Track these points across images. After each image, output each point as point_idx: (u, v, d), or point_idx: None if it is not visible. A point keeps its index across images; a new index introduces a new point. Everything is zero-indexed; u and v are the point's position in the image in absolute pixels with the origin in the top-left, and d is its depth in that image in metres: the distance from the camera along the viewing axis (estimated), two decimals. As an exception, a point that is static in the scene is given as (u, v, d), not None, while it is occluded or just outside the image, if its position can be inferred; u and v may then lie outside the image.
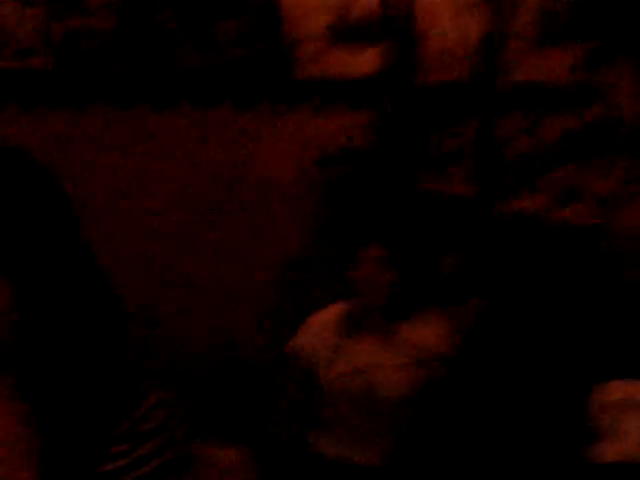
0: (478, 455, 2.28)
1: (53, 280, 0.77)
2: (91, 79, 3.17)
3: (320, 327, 2.50)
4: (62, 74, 3.10)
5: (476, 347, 2.56)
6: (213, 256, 3.47)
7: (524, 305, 2.63)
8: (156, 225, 3.36)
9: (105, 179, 3.26)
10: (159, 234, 3.38)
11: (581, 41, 2.57)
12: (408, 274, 2.47)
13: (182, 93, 3.30)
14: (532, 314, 2.46)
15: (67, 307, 0.78)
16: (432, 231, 3.25)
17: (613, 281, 2.13)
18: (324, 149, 3.50)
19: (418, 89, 3.46)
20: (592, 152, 2.66)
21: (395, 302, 2.48)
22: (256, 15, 3.32)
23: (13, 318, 0.76)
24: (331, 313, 2.56)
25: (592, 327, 2.17)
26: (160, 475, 0.80)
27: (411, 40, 3.40)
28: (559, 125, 2.74)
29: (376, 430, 2.39)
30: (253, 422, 3.06)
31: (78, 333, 0.78)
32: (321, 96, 3.44)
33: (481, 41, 3.07)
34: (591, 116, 2.67)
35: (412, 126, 3.45)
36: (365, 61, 3.52)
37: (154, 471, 0.80)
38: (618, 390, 2.11)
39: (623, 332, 2.15)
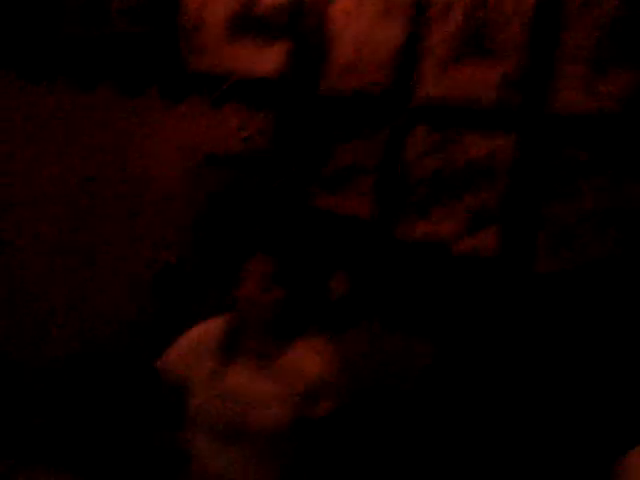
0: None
1: None
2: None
3: (194, 345, 2.32)
4: None
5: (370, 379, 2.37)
6: (78, 258, 3.11)
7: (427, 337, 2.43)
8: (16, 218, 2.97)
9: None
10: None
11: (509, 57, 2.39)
12: (295, 294, 2.24)
13: (61, 66, 2.92)
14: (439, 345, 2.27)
15: None
16: (322, 250, 3.02)
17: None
18: (216, 149, 3.21)
19: (323, 96, 3.21)
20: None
21: (279, 324, 2.26)
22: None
23: None
24: (208, 330, 2.36)
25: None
26: None
27: (322, 42, 3.14)
28: (474, 146, 2.55)
29: (246, 469, 2.09)
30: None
31: None
32: (217, 91, 3.14)
33: (398, 51, 2.85)
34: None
35: (312, 135, 3.19)
36: (269, 59, 3.24)
37: None
38: None
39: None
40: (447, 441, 2.50)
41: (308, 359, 2.23)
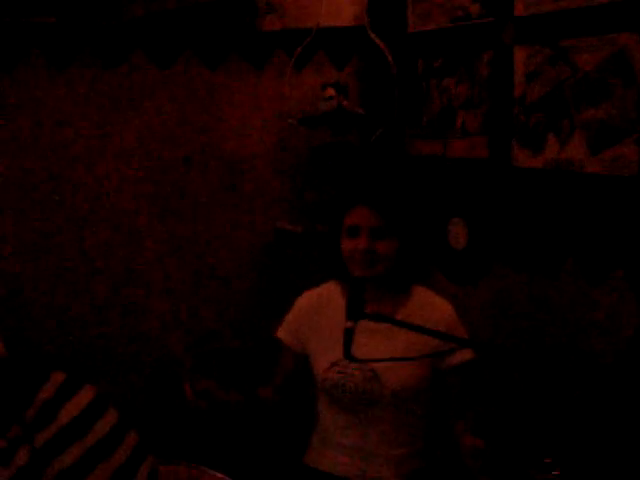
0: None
1: None
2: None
3: (313, 309, 2.19)
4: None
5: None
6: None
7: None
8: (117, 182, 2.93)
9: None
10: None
11: None
12: (409, 245, 2.10)
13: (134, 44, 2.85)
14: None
15: None
16: (433, 197, 2.86)
17: None
18: (304, 108, 3.07)
19: (409, 36, 3.03)
20: None
21: (396, 278, 2.11)
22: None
23: None
24: (323, 293, 2.23)
25: None
26: None
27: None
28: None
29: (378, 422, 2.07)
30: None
31: None
32: (296, 49, 3.00)
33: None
34: None
35: (405, 81, 3.02)
36: (345, 11, 3.09)
37: None
38: None
39: None
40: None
41: (430, 315, 2.10)
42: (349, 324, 1.76)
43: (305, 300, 2.22)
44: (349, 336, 1.76)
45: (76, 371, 0.89)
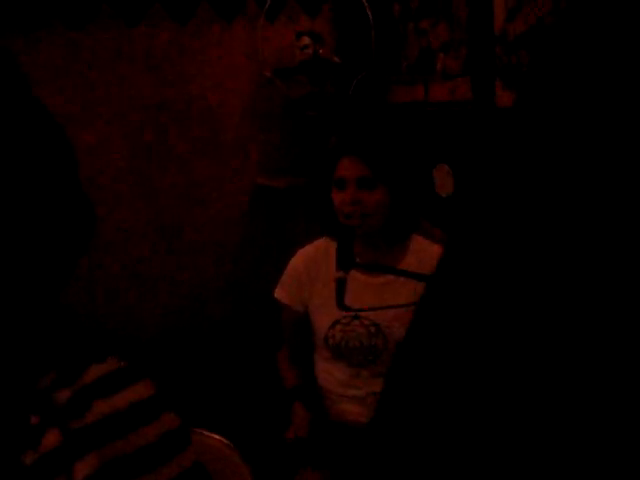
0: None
1: None
2: None
3: (308, 266, 2.13)
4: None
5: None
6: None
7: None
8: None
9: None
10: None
11: None
12: (400, 194, 2.04)
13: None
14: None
15: None
16: (417, 144, 2.80)
17: None
18: (279, 59, 2.99)
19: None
20: None
21: (391, 228, 2.05)
22: None
23: None
24: (317, 250, 2.16)
25: None
26: None
27: None
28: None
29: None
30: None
31: None
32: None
33: None
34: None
35: (381, 25, 2.94)
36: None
37: None
38: None
39: None
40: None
41: (425, 261, 2.05)
42: (340, 274, 1.73)
43: (300, 258, 2.16)
44: (341, 286, 1.73)
45: (142, 363, 0.78)
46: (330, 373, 2.13)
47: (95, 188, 2.83)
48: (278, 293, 2.18)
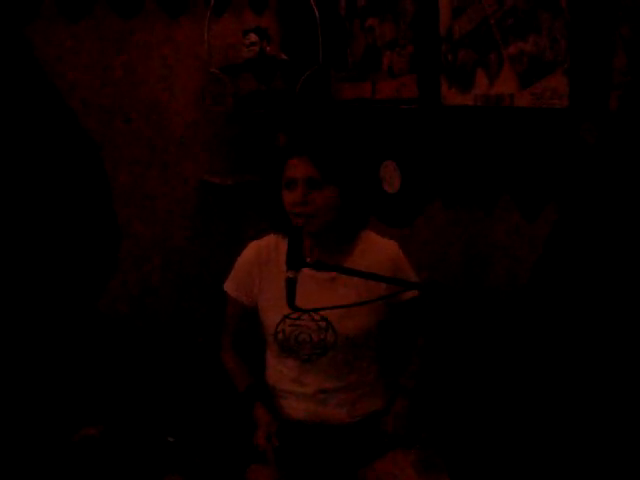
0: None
1: None
2: None
3: (260, 260, 2.16)
4: None
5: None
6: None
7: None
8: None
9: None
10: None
11: None
12: (349, 192, 2.05)
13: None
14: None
15: None
16: (364, 141, 2.83)
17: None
18: (226, 56, 2.98)
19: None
20: None
21: (341, 227, 2.08)
22: None
23: None
24: (268, 245, 2.18)
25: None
26: None
27: None
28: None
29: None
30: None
31: None
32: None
33: None
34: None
35: (328, 22, 2.95)
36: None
37: None
38: None
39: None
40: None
41: (374, 259, 2.08)
42: (290, 274, 1.74)
43: (251, 251, 2.18)
44: (291, 286, 1.73)
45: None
46: (279, 370, 2.14)
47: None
48: (227, 286, 2.19)
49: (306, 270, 1.75)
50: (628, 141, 1.99)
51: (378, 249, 2.12)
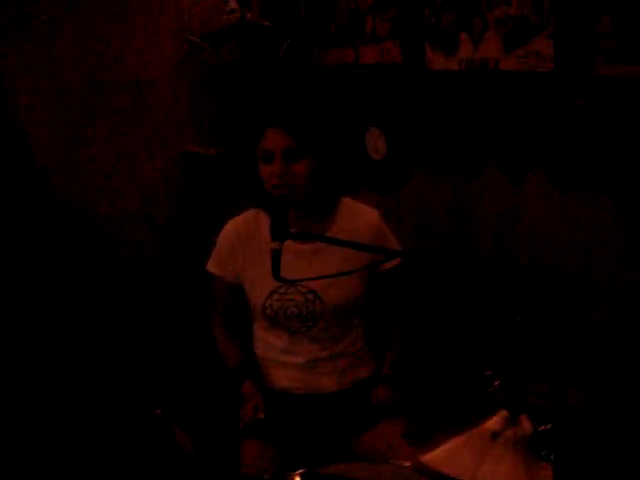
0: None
1: None
2: None
3: (240, 236, 2.13)
4: None
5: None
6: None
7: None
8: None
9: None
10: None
11: None
12: (327, 162, 2.02)
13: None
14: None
15: None
16: (348, 107, 2.79)
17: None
18: (206, 23, 2.93)
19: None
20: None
21: (320, 196, 2.05)
22: None
23: None
24: (248, 220, 2.15)
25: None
26: None
27: None
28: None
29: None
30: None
31: None
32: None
33: None
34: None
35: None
36: None
37: None
38: None
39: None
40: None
41: (356, 227, 2.07)
42: (274, 245, 1.71)
43: (231, 228, 2.15)
44: (277, 257, 1.71)
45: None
46: (269, 342, 2.14)
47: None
48: (210, 266, 2.17)
49: (289, 244, 1.73)
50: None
51: (359, 216, 2.11)
